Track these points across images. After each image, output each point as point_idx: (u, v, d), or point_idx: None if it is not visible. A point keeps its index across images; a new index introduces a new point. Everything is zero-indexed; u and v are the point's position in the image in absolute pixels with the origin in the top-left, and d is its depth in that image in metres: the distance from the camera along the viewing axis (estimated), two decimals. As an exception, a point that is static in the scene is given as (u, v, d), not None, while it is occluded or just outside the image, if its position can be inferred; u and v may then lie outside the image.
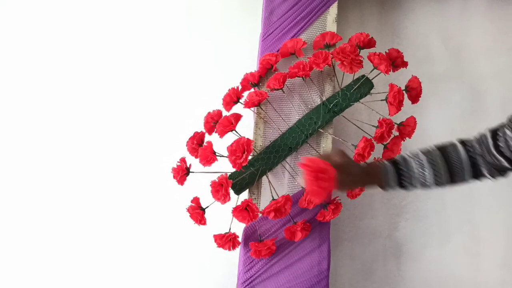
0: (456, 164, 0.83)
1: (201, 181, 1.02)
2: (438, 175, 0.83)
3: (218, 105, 1.10)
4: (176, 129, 1.30)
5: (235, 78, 1.15)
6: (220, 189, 0.98)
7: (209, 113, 1.08)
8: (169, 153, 1.14)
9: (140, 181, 1.31)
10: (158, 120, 1.33)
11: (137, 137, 1.33)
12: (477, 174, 0.84)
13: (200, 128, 1.09)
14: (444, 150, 0.84)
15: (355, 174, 0.84)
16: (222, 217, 1.04)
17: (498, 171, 0.83)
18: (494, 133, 0.80)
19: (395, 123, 1.07)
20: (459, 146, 0.84)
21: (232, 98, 1.09)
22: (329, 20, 1.17)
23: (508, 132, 0.77)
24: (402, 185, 0.85)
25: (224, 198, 0.98)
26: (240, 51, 1.31)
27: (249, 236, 1.09)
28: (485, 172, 0.83)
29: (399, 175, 0.85)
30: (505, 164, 0.80)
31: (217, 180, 0.99)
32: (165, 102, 1.34)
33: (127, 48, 1.36)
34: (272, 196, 1.02)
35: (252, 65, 1.20)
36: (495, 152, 0.80)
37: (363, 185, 0.91)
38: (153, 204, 1.30)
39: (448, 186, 0.86)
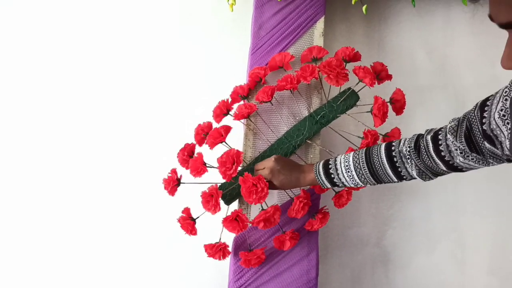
0: (378, 167, 0.89)
1: (192, 192, 1.04)
2: (363, 177, 0.91)
3: (209, 117, 1.13)
4: (165, 139, 1.31)
5: (225, 90, 1.18)
6: (210, 200, 1.00)
7: (199, 125, 1.11)
8: (168, 155, 1.15)
9: (139, 182, 1.32)
10: (159, 121, 1.34)
11: (135, 139, 1.33)
12: (401, 175, 0.88)
13: (190, 139, 1.11)
14: (369, 155, 0.90)
15: (289, 173, 0.98)
16: (213, 227, 1.06)
17: (431, 174, 0.86)
18: (435, 137, 0.82)
19: (380, 134, 1.10)
20: (383, 149, 0.89)
21: (222, 110, 1.11)
22: (316, 35, 1.20)
23: (449, 136, 0.79)
24: (335, 185, 0.95)
25: (215, 208, 1.00)
26: (230, 64, 1.33)
27: (239, 245, 1.11)
28: (413, 173, 0.86)
29: (329, 177, 0.94)
30: (443, 167, 0.82)
31: (207, 191, 1.01)
32: (168, 103, 1.34)
33: (119, 53, 1.36)
34: (262, 206, 1.04)
35: (241, 78, 1.23)
36: (434, 156, 0.82)
37: (302, 183, 0.99)
38: (143, 214, 1.31)
39: (380, 185, 0.93)
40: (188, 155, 1.09)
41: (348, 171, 0.92)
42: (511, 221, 1.35)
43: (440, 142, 0.81)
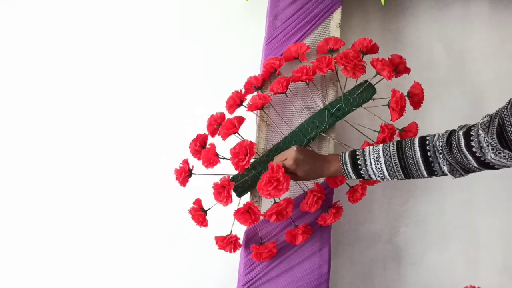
0: (410, 161, 0.86)
1: (203, 183, 1.03)
2: (392, 170, 0.88)
3: (221, 108, 1.11)
4: (178, 131, 1.30)
5: (238, 81, 1.16)
6: (222, 191, 0.98)
7: (212, 115, 1.09)
8: (168, 154, 1.15)
9: (139, 182, 1.31)
10: (159, 121, 1.34)
11: (135, 139, 1.33)
12: (433, 171, 0.86)
13: (202, 130, 1.10)
14: (401, 147, 0.88)
15: (313, 162, 0.94)
16: (224, 219, 1.05)
17: (462, 170, 0.84)
18: (467, 132, 0.81)
19: (397, 129, 1.08)
20: (417, 142, 0.87)
21: (236, 101, 1.10)
22: (333, 26, 1.18)
23: (481, 132, 0.78)
24: (361, 177, 0.91)
25: (226, 200, 0.98)
26: (244, 54, 1.32)
27: (250, 238, 1.09)
28: (445, 168, 0.85)
29: (356, 168, 0.91)
30: (474, 163, 0.81)
31: (219, 182, 1.00)
32: (168, 103, 1.34)
33: (120, 51, 1.37)
34: (274, 199, 1.02)
35: (255, 69, 1.21)
36: (466, 151, 0.80)
37: (326, 173, 0.95)
38: (154, 205, 1.30)
39: (407, 179, 0.90)
40: (200, 146, 1.07)
41: (377, 163, 0.89)
42: (525, 220, 1.32)
43: (472, 138, 0.80)
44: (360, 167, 0.91)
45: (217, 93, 1.15)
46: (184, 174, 1.04)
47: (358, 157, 0.91)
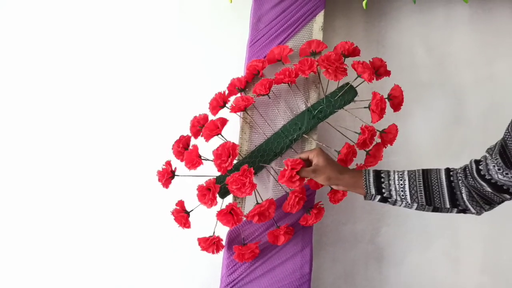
0: (434, 184, 0.89)
1: (186, 184, 1.03)
2: (414, 189, 0.90)
3: (205, 109, 1.11)
4: (161, 132, 1.30)
5: (222, 82, 1.17)
6: (207, 194, 0.99)
7: (195, 117, 1.09)
8: (153, 156, 1.14)
9: (124, 183, 1.31)
10: (143, 123, 1.33)
11: (121, 140, 1.32)
12: (456, 199, 0.89)
13: (186, 131, 1.10)
14: (427, 171, 0.91)
15: (340, 170, 0.96)
16: (206, 220, 1.05)
17: (480, 199, 0.87)
18: (477, 160, 0.87)
19: (377, 130, 1.09)
20: (443, 170, 0.91)
21: (219, 102, 1.10)
22: (316, 28, 1.19)
23: (487, 154, 0.85)
24: (381, 193, 0.91)
25: (211, 202, 0.99)
26: (228, 56, 1.32)
27: (233, 239, 1.10)
28: (464, 196, 0.88)
29: (379, 181, 0.91)
30: (487, 188, 0.84)
31: (204, 185, 1.00)
32: (150, 105, 1.33)
33: (117, 48, 1.35)
34: (257, 200, 1.03)
35: (239, 71, 1.22)
36: (476, 176, 0.85)
37: (346, 185, 0.96)
38: (137, 207, 1.30)
39: (429, 209, 0.91)
40: (183, 147, 1.07)
41: (401, 179, 0.91)
42: (505, 221, 1.35)
43: (481, 163, 0.85)
44: (382, 179, 0.92)
45: (200, 95, 1.15)
46: (167, 176, 1.04)
47: (382, 172, 0.93)
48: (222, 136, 1.05)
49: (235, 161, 1.02)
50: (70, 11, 1.35)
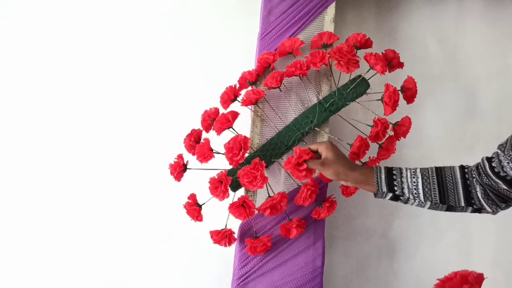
0: (448, 182, 0.87)
1: (197, 177, 1.03)
2: (427, 187, 0.87)
3: (216, 103, 1.11)
4: (172, 126, 1.30)
5: (233, 76, 1.16)
6: (219, 186, 0.99)
7: (206, 111, 1.09)
8: (163, 150, 1.15)
9: (134, 178, 1.31)
10: (154, 117, 1.33)
11: (130, 135, 1.32)
12: (471, 197, 0.87)
13: (196, 125, 1.10)
14: (441, 168, 0.89)
15: (350, 166, 0.93)
16: (218, 213, 1.05)
17: (495, 196, 0.85)
18: (489, 156, 0.85)
19: (390, 123, 1.08)
20: (457, 167, 0.88)
21: (230, 96, 1.10)
22: (327, 20, 1.18)
23: (499, 151, 0.83)
24: (393, 190, 0.90)
25: (223, 195, 0.98)
26: (238, 49, 1.31)
27: (245, 232, 1.10)
28: (479, 195, 0.86)
29: (390, 178, 0.89)
30: (502, 185, 0.83)
31: (216, 177, 1.00)
32: (161, 99, 1.34)
33: (121, 45, 1.36)
34: (268, 193, 1.03)
35: (249, 64, 1.21)
36: (490, 173, 0.84)
37: (355, 182, 0.94)
38: (149, 201, 1.30)
39: (442, 207, 0.89)
40: (194, 141, 1.07)
41: (414, 177, 0.88)
42: (518, 214, 1.33)
43: (493, 160, 0.84)
44: (395, 177, 0.89)
45: (211, 88, 1.15)
46: (179, 169, 1.04)
47: (394, 169, 0.91)
48: (234, 130, 1.05)
49: (246, 155, 1.02)
50: (79, 10, 1.35)
